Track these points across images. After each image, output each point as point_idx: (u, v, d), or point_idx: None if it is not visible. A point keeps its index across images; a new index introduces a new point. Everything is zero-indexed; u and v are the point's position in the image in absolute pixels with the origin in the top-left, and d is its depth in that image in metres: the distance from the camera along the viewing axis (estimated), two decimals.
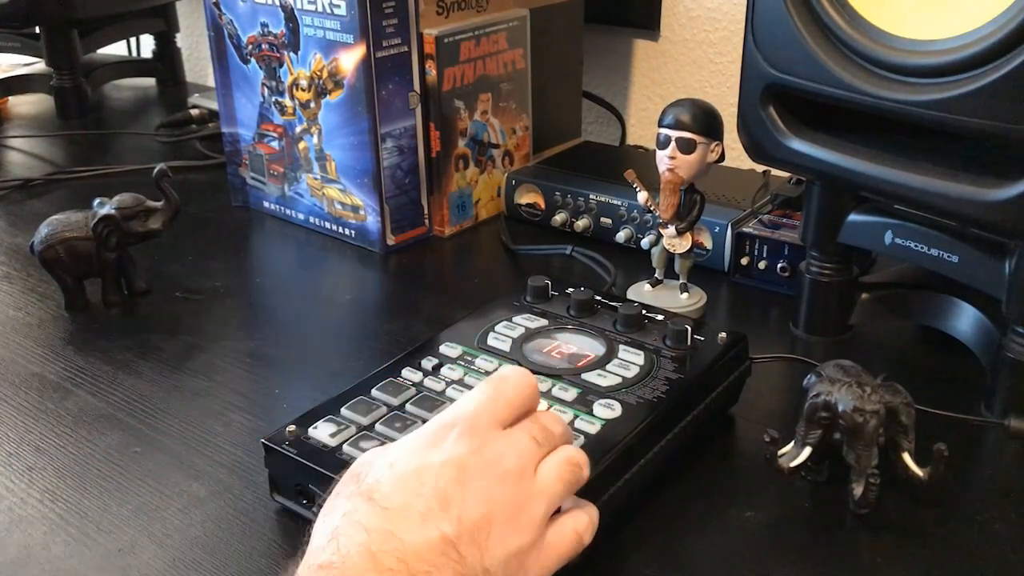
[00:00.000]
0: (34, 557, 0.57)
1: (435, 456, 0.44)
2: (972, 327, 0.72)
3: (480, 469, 0.44)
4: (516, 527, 0.44)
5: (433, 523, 0.42)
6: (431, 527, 0.42)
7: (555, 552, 0.46)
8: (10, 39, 1.52)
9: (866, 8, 0.65)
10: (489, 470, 0.44)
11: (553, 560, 0.46)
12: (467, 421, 0.46)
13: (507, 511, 0.44)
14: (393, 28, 0.92)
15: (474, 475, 0.44)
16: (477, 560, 0.42)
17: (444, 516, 0.42)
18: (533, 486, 0.46)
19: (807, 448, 0.58)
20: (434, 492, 0.43)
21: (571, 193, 0.98)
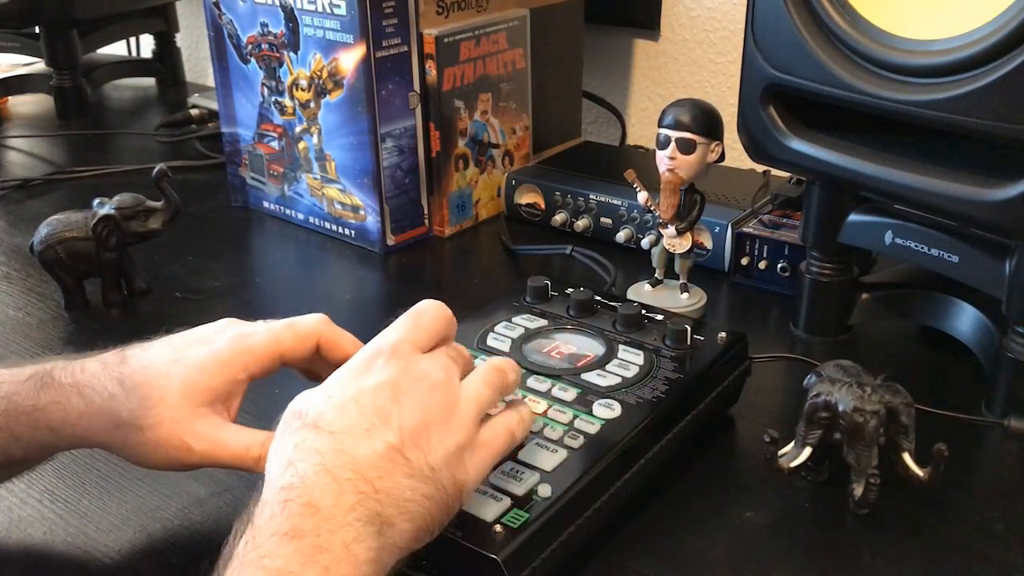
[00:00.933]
0: (34, 557, 0.57)
1: (368, 381, 0.49)
2: (972, 327, 0.72)
3: (410, 384, 0.49)
4: (450, 428, 0.49)
5: (378, 435, 0.47)
6: (377, 439, 0.46)
7: (490, 448, 0.51)
8: (10, 39, 1.52)
9: (866, 8, 0.65)
10: (418, 384, 0.49)
11: (489, 455, 0.51)
12: (391, 347, 0.51)
13: (440, 415, 0.49)
14: (393, 28, 0.92)
15: (406, 390, 0.49)
16: (422, 460, 0.47)
17: (386, 428, 0.47)
18: (460, 392, 0.51)
19: (807, 448, 0.58)
20: (373, 410, 0.47)
21: (571, 193, 0.98)
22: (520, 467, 0.55)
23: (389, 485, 0.45)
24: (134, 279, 0.89)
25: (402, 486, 0.46)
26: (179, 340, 0.57)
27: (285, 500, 0.44)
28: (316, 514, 0.43)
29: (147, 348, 0.56)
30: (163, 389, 0.54)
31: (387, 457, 0.46)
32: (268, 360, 0.57)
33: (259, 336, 0.57)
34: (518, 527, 0.50)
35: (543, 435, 0.57)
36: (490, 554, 0.49)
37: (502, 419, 0.53)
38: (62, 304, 0.87)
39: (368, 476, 0.45)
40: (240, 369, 0.56)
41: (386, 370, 0.49)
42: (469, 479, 0.49)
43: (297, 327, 0.58)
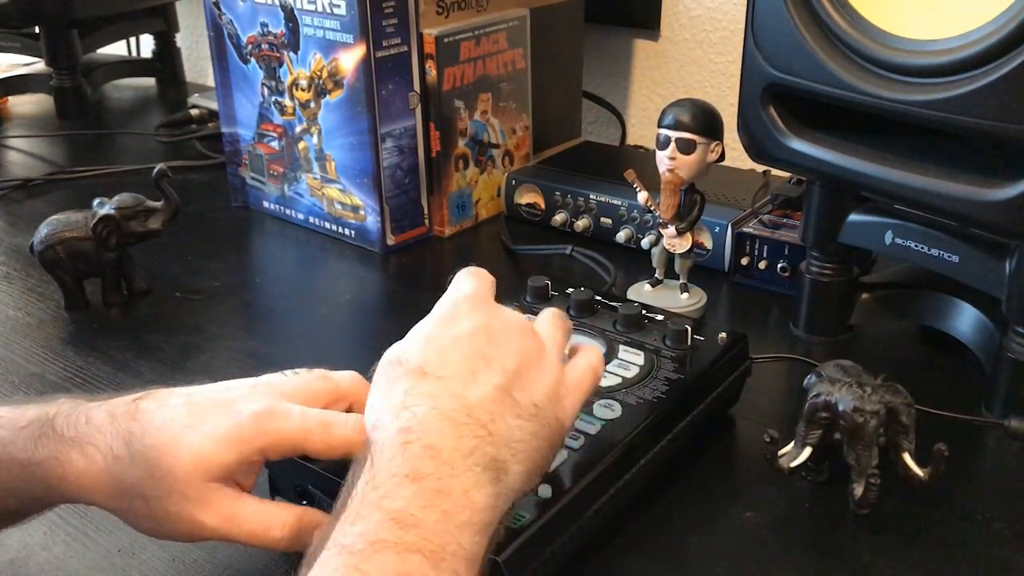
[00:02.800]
0: (34, 557, 0.57)
1: (461, 327, 0.49)
2: (972, 327, 0.72)
3: (502, 329, 0.50)
4: (543, 369, 0.50)
5: (484, 378, 0.47)
6: (484, 382, 0.47)
7: (580, 384, 0.52)
8: (10, 39, 1.52)
9: (866, 8, 0.65)
10: (508, 328, 0.50)
11: (580, 391, 0.52)
12: (471, 297, 0.52)
13: (532, 358, 0.50)
14: (393, 28, 0.92)
15: (500, 334, 0.50)
16: (527, 400, 0.48)
17: (491, 371, 0.47)
18: (539, 338, 0.52)
19: (807, 448, 0.58)
20: (475, 354, 0.48)
21: (571, 193, 0.98)
22: None
23: (501, 428, 0.46)
24: (134, 279, 0.89)
25: (512, 427, 0.46)
26: (200, 399, 0.51)
27: (405, 442, 0.44)
28: (437, 457, 0.43)
29: (163, 404, 0.51)
30: (173, 458, 0.48)
31: (497, 399, 0.47)
32: (288, 451, 0.51)
33: (288, 425, 0.50)
34: (518, 527, 0.50)
35: None
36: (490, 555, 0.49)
37: (583, 358, 0.54)
38: (62, 304, 0.87)
39: (482, 420, 0.45)
40: (257, 451, 0.50)
41: (474, 316, 0.50)
42: (567, 415, 0.50)
43: (332, 434, 0.51)
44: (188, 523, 0.49)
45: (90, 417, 0.51)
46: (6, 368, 0.78)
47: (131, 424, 0.50)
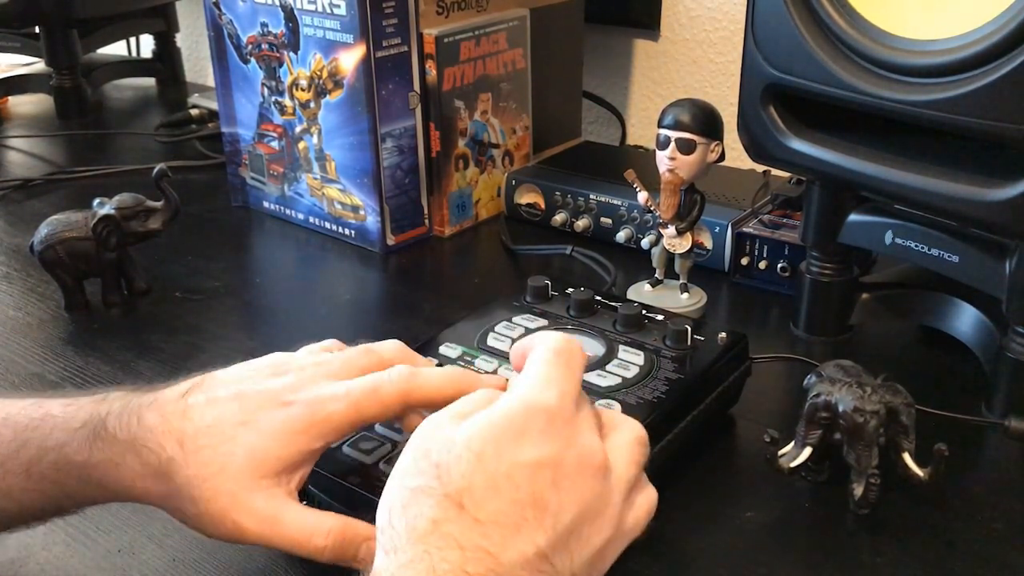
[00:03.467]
0: (34, 557, 0.57)
1: (527, 455, 0.41)
2: (972, 327, 0.72)
3: (574, 467, 0.41)
4: (601, 523, 0.42)
5: (528, 535, 0.40)
6: (527, 541, 0.40)
7: (629, 535, 0.45)
8: (10, 39, 1.52)
9: (866, 8, 0.65)
10: (582, 467, 0.42)
11: (625, 543, 0.45)
12: (552, 413, 0.42)
13: (595, 509, 0.42)
14: (393, 28, 0.92)
15: (568, 475, 0.41)
16: (567, 567, 0.41)
17: (539, 526, 0.40)
18: (612, 476, 0.43)
19: (807, 448, 0.58)
20: (530, 498, 0.40)
21: (571, 193, 0.98)
22: None
23: None
24: (134, 279, 0.89)
25: None
26: (249, 392, 0.50)
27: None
28: None
29: (212, 399, 0.50)
30: (226, 456, 0.48)
31: (533, 566, 0.39)
32: (348, 429, 0.50)
33: (340, 404, 0.49)
34: None
35: None
36: None
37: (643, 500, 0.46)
38: (62, 304, 0.87)
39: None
40: (316, 438, 0.49)
41: (547, 443, 0.41)
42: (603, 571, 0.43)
43: (381, 394, 0.50)
44: (231, 526, 0.48)
45: (142, 417, 0.50)
46: (6, 368, 0.78)
47: (183, 424, 0.49)
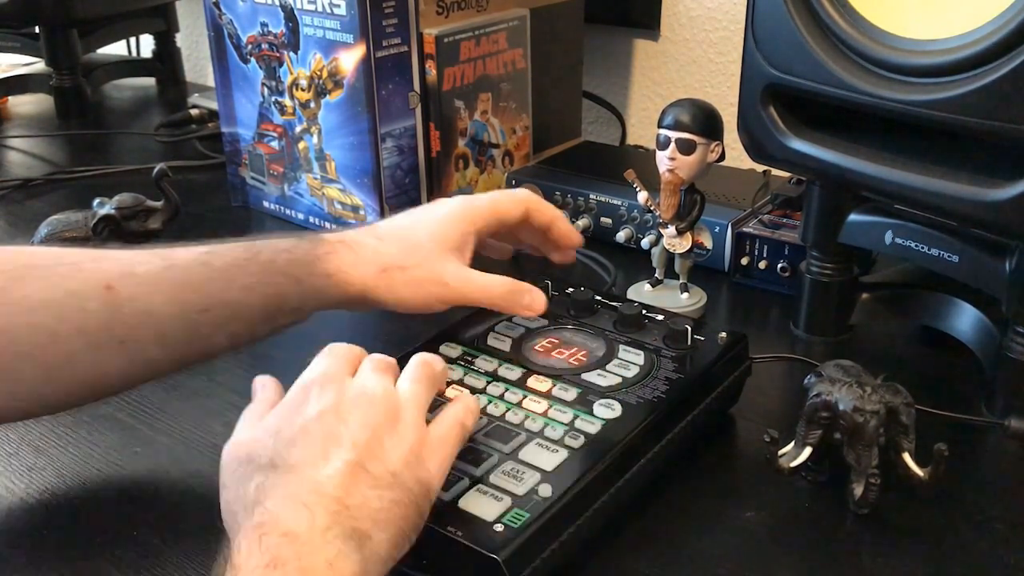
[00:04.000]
0: (34, 557, 0.57)
1: (310, 411, 0.50)
2: (972, 327, 0.72)
3: (351, 403, 0.50)
4: (401, 433, 0.50)
5: (335, 457, 0.48)
6: (335, 460, 0.47)
7: (445, 442, 0.52)
8: (10, 39, 1.52)
9: (866, 8, 0.65)
10: (358, 401, 0.51)
11: (446, 449, 0.52)
12: (321, 376, 0.52)
13: (387, 423, 0.50)
14: (393, 28, 0.92)
15: (349, 410, 0.50)
16: (383, 469, 0.48)
17: (340, 449, 0.48)
18: (399, 398, 0.52)
19: (807, 448, 0.58)
20: (324, 437, 0.49)
21: (571, 193, 0.98)
22: (520, 467, 0.55)
23: (358, 500, 0.46)
24: None
25: (369, 497, 0.47)
26: (413, 210, 0.69)
27: (260, 535, 0.44)
28: (295, 541, 0.44)
29: (391, 217, 0.68)
30: (417, 236, 0.65)
31: (349, 474, 0.47)
32: (491, 217, 0.68)
33: (483, 199, 0.69)
34: (518, 527, 0.50)
35: (543, 435, 0.57)
36: (490, 554, 0.49)
37: (450, 412, 0.54)
38: None
39: (336, 495, 0.46)
40: (470, 222, 0.67)
41: (323, 397, 0.51)
42: (433, 476, 0.50)
43: (511, 193, 0.71)
44: (436, 284, 0.64)
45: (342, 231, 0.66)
46: None
47: (375, 229, 0.66)
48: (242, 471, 0.49)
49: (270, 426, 0.50)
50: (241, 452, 0.50)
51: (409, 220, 0.67)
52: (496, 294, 0.65)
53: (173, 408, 0.72)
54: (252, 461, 0.49)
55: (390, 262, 0.64)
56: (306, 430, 0.49)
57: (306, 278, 0.62)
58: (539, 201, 0.71)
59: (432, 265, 0.64)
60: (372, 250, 0.64)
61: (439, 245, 0.65)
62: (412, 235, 0.65)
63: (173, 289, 0.59)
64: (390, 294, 0.64)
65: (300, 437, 0.49)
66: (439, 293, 0.64)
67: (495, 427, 0.58)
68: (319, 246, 0.64)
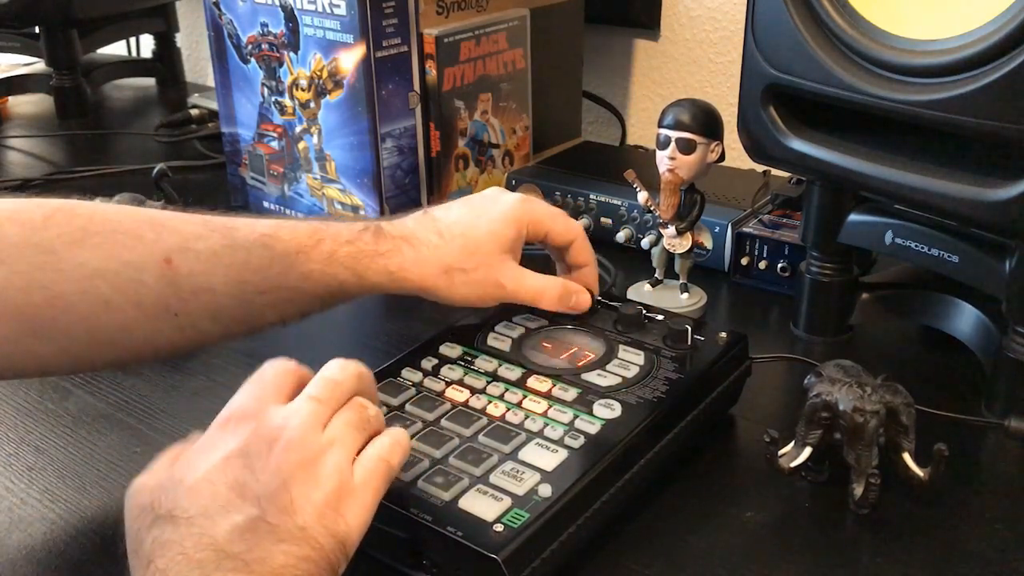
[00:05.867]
0: (34, 557, 0.57)
1: (217, 454, 0.46)
2: (972, 327, 0.72)
3: (263, 447, 0.46)
4: (315, 482, 0.46)
5: (236, 510, 0.44)
6: (236, 514, 0.44)
7: (367, 487, 0.48)
8: (10, 39, 1.52)
9: (866, 8, 0.65)
10: (272, 445, 0.46)
11: (368, 495, 0.48)
12: (237, 410, 0.49)
13: (300, 472, 0.46)
14: (393, 28, 0.92)
15: (258, 454, 0.46)
16: (289, 522, 0.45)
17: (243, 501, 0.45)
18: (321, 439, 0.48)
19: (807, 448, 0.58)
20: (227, 485, 0.45)
21: (571, 193, 0.98)
22: (520, 467, 0.55)
23: (260, 555, 0.43)
24: None
25: (273, 553, 0.44)
26: (473, 201, 0.68)
27: None
28: None
29: (447, 208, 0.67)
30: (477, 238, 0.65)
31: (250, 528, 0.44)
32: (541, 229, 0.68)
33: (541, 208, 0.69)
34: (518, 527, 0.50)
35: (543, 435, 0.57)
36: (490, 554, 0.49)
37: (372, 450, 0.50)
38: None
39: (234, 552, 0.43)
40: (524, 224, 0.67)
41: (235, 436, 0.47)
42: (351, 528, 0.47)
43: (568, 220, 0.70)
44: (493, 286, 0.65)
45: (403, 223, 0.66)
46: None
47: (436, 224, 0.66)
48: (142, 520, 0.46)
49: (175, 471, 0.47)
50: (144, 499, 0.46)
51: (470, 215, 0.66)
52: (549, 296, 0.67)
53: (173, 408, 0.72)
54: (152, 510, 0.45)
55: (452, 263, 0.64)
56: (209, 478, 0.45)
57: (366, 273, 0.63)
58: (585, 241, 0.71)
59: (491, 267, 0.65)
60: (434, 249, 0.64)
61: (498, 246, 0.65)
62: (473, 234, 0.65)
63: (232, 270, 0.59)
64: (449, 292, 0.65)
65: (202, 486, 0.45)
66: (495, 294, 0.66)
67: (495, 427, 0.58)
68: (382, 242, 0.64)
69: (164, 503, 0.45)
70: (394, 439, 0.51)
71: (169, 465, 0.48)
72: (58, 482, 0.64)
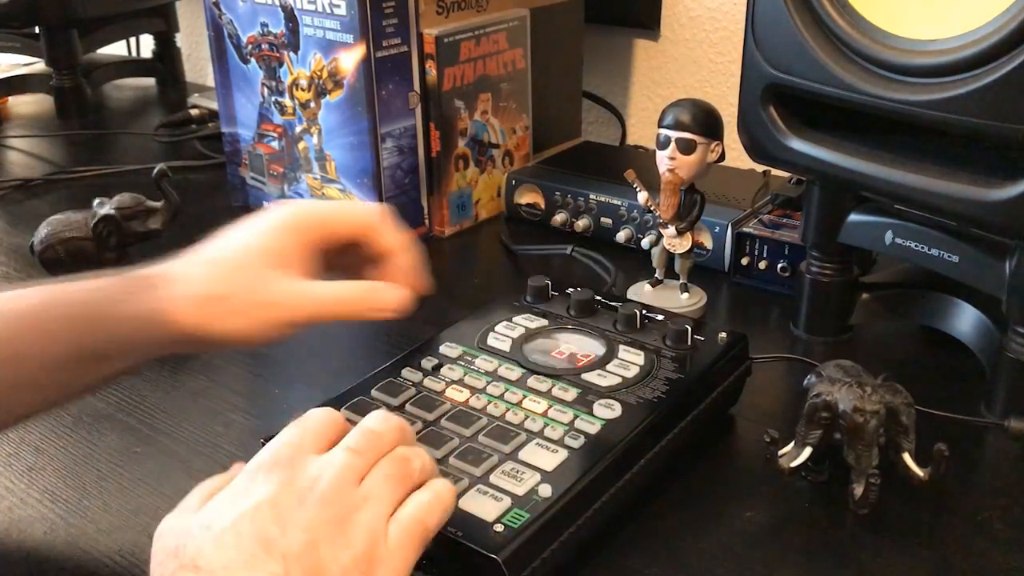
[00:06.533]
0: (34, 557, 0.57)
1: (247, 502, 0.44)
2: (972, 327, 0.72)
3: (294, 500, 0.44)
4: (346, 541, 0.44)
5: (260, 567, 0.42)
6: (259, 571, 0.42)
7: (401, 551, 0.45)
8: (10, 39, 1.52)
9: (866, 8, 0.65)
10: (304, 497, 0.44)
11: (401, 560, 0.45)
12: (272, 458, 0.46)
13: (331, 529, 0.44)
14: (393, 28, 0.92)
15: (289, 507, 0.44)
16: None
17: (268, 558, 0.42)
18: (356, 495, 0.45)
19: (807, 448, 0.58)
20: (253, 538, 0.43)
21: (571, 193, 0.98)
22: (520, 467, 0.55)
23: None
24: None
25: None
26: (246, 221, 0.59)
27: None
28: None
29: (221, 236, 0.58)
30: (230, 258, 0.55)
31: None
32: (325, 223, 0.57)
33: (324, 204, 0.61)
34: (518, 527, 0.50)
35: (543, 435, 0.57)
36: (490, 554, 0.49)
37: (409, 509, 0.47)
38: None
39: None
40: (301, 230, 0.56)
41: (267, 485, 0.44)
42: None
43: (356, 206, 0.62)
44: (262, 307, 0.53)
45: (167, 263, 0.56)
46: None
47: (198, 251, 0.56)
48: (165, 566, 0.44)
49: (204, 516, 0.44)
50: (169, 542, 0.44)
51: (236, 236, 0.57)
52: (349, 299, 0.56)
53: (173, 408, 0.72)
54: (177, 556, 0.43)
55: (208, 293, 0.53)
56: (237, 528, 0.43)
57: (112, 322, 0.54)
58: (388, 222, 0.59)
59: (255, 288, 0.54)
60: (190, 282, 0.54)
61: (260, 261, 0.55)
62: (234, 256, 0.55)
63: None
64: (218, 329, 0.53)
65: (229, 536, 0.43)
66: (273, 317, 0.54)
67: (495, 427, 0.58)
68: (131, 283, 0.55)
69: (189, 550, 0.43)
70: (435, 495, 0.48)
71: (199, 505, 0.46)
72: (58, 482, 0.64)
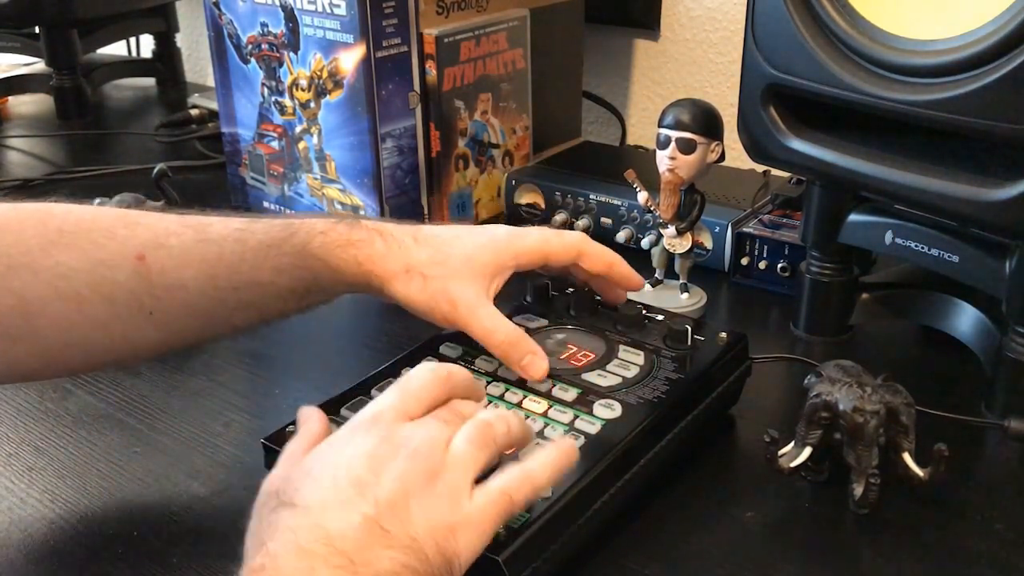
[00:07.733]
0: (34, 557, 0.57)
1: (345, 452, 0.48)
2: (972, 327, 0.72)
3: (388, 452, 0.47)
4: (434, 497, 0.46)
5: (353, 507, 0.45)
6: (352, 511, 0.44)
7: (484, 517, 0.47)
8: (10, 39, 1.52)
9: (866, 8, 0.65)
10: (397, 451, 0.47)
11: (483, 525, 0.47)
12: (371, 416, 0.50)
13: (422, 483, 0.46)
14: (393, 28, 0.92)
15: (383, 459, 0.47)
16: (402, 531, 0.45)
17: (362, 500, 0.45)
18: (445, 457, 0.48)
19: (807, 448, 0.58)
20: (349, 482, 0.46)
21: (571, 193, 0.98)
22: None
23: (368, 557, 0.43)
24: None
25: (381, 557, 0.44)
26: (462, 226, 0.66)
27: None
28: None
29: (434, 228, 0.65)
30: (449, 251, 0.63)
31: (363, 528, 0.44)
32: (536, 256, 0.65)
33: (533, 235, 0.65)
34: (518, 527, 0.50)
35: (543, 435, 0.57)
36: (490, 554, 0.49)
37: (498, 480, 0.49)
38: None
39: (343, 549, 0.43)
40: (511, 256, 0.64)
41: (365, 439, 0.48)
42: (460, 554, 0.46)
43: (564, 236, 0.66)
44: (446, 301, 0.61)
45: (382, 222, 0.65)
46: None
47: (415, 231, 0.64)
48: (267, 505, 0.47)
49: (306, 464, 0.48)
50: (273, 486, 0.48)
51: (451, 234, 0.65)
52: (496, 340, 0.61)
53: (173, 408, 0.72)
54: (277, 496, 0.46)
55: (415, 264, 0.62)
56: (334, 472, 0.46)
57: (336, 262, 0.62)
58: (594, 246, 0.66)
59: (452, 284, 0.62)
60: (402, 247, 0.63)
61: (468, 267, 0.62)
62: (446, 248, 0.63)
63: (204, 265, 0.59)
64: (404, 292, 0.62)
65: (326, 477, 0.46)
66: (446, 312, 0.62)
67: None
68: (355, 231, 0.63)
69: (288, 490, 0.46)
70: (526, 472, 0.50)
71: (296, 459, 0.49)
72: (58, 482, 0.64)
